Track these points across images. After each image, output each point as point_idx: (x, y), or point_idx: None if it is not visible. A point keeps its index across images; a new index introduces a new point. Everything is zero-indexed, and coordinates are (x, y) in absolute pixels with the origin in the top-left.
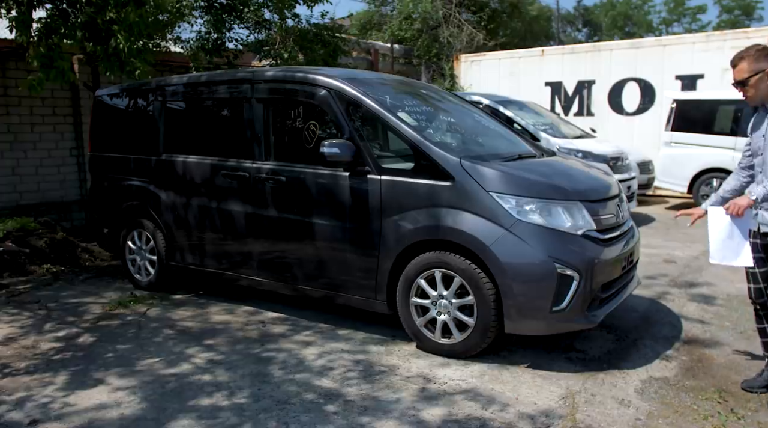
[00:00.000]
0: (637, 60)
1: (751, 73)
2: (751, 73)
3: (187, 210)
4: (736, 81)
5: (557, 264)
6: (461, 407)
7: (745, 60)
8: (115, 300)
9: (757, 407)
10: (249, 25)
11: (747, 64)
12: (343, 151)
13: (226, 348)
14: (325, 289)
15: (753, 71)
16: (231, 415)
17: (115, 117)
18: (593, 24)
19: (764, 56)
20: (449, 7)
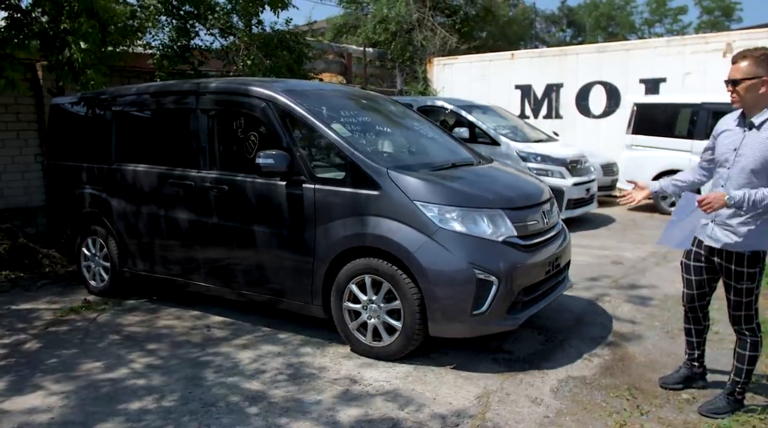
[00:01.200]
0: (602, 64)
1: (746, 75)
2: (746, 75)
3: (137, 218)
4: (728, 79)
5: (477, 270)
6: (378, 407)
7: (747, 60)
8: (68, 307)
9: (662, 403)
10: (215, 32)
11: (746, 66)
12: (278, 161)
13: (166, 352)
14: (268, 294)
15: (749, 75)
16: (156, 418)
17: (70, 125)
18: (577, 24)
19: (767, 64)
20: (423, 10)
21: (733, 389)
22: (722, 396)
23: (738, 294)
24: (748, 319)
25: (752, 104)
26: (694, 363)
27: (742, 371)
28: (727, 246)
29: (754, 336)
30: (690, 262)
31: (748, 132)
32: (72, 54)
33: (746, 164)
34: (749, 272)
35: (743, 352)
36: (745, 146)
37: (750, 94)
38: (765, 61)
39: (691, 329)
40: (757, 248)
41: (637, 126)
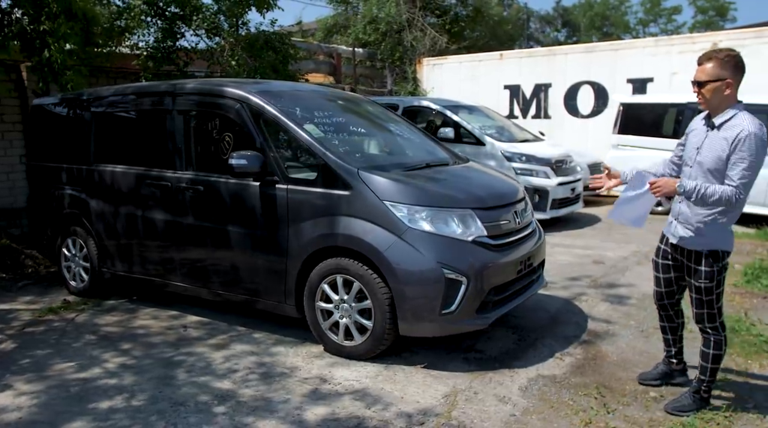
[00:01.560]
0: (591, 64)
1: (711, 77)
2: (711, 77)
3: (115, 219)
4: (694, 80)
5: (446, 269)
6: (345, 406)
7: (712, 62)
8: (47, 307)
9: (630, 401)
10: (200, 33)
11: (711, 67)
12: (250, 162)
13: (140, 352)
14: (244, 295)
15: (713, 77)
16: (124, 417)
17: (51, 126)
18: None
19: (731, 66)
20: (413, 11)
21: (698, 387)
22: (688, 394)
23: (698, 292)
24: (711, 317)
25: (716, 105)
26: (672, 359)
27: (706, 369)
28: (687, 244)
29: (718, 335)
30: (659, 260)
31: (710, 132)
32: (51, 55)
33: (704, 163)
34: (707, 271)
35: (707, 350)
36: (705, 145)
37: (714, 96)
38: (729, 63)
39: (666, 326)
40: (715, 248)
41: (624, 126)
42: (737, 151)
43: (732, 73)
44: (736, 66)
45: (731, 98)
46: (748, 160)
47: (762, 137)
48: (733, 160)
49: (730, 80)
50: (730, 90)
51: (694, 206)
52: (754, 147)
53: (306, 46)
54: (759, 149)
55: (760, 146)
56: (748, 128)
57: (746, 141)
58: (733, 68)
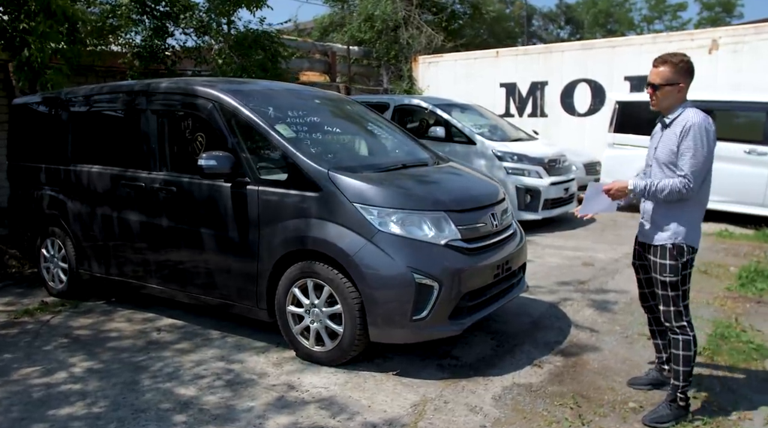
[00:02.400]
0: (587, 61)
1: (665, 81)
2: (665, 81)
3: (92, 220)
4: (649, 82)
5: (416, 274)
6: (310, 415)
7: (667, 65)
8: (23, 309)
9: (607, 412)
10: (189, 31)
11: (666, 71)
12: (220, 163)
13: (109, 356)
14: (218, 298)
15: (668, 81)
16: (83, 425)
17: (31, 126)
18: (575, 21)
19: (684, 71)
20: (410, 8)
21: (674, 395)
22: (665, 404)
23: (664, 288)
24: (677, 315)
25: (667, 106)
26: (664, 366)
27: (679, 373)
28: (651, 240)
29: (686, 334)
30: (636, 261)
31: (664, 130)
32: (31, 54)
33: (659, 158)
34: (671, 264)
35: (677, 352)
36: (660, 143)
37: (667, 99)
38: (683, 68)
39: (654, 330)
40: (680, 241)
41: (619, 124)
42: (684, 141)
43: (684, 78)
44: (688, 71)
45: (682, 99)
46: (693, 149)
47: (706, 127)
48: (681, 150)
49: (682, 85)
50: (681, 93)
51: (655, 204)
52: (698, 136)
53: (300, 45)
54: (704, 139)
55: (705, 136)
56: (693, 119)
57: (691, 131)
58: (686, 73)
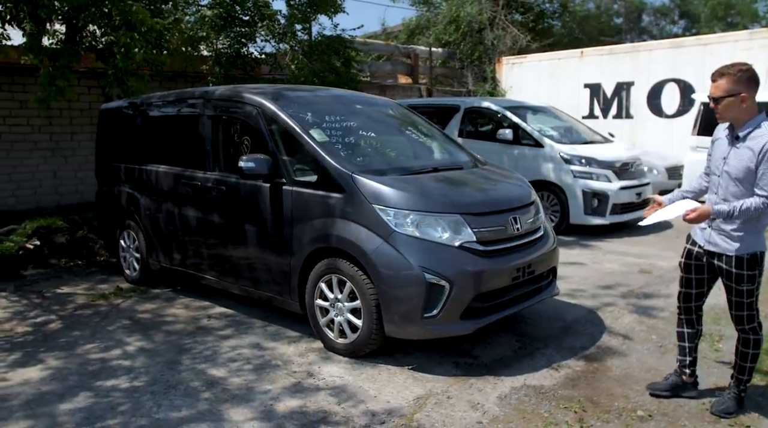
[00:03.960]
0: (677, 60)
1: (725, 93)
2: (725, 93)
3: (158, 215)
4: (710, 96)
5: (427, 274)
6: (318, 400)
7: (724, 78)
8: (100, 293)
9: (611, 418)
10: (268, 37)
11: (725, 83)
12: (259, 165)
13: (161, 338)
14: (261, 291)
15: (728, 92)
16: (121, 395)
17: (113, 130)
18: (691, 15)
19: (744, 80)
20: (495, 9)
21: (738, 388)
22: (731, 396)
23: (739, 296)
24: (750, 319)
25: (735, 118)
26: (685, 370)
27: (745, 369)
28: (726, 250)
29: (756, 335)
30: (691, 261)
31: (735, 143)
32: (116, 63)
33: (732, 173)
34: (749, 275)
35: (747, 350)
36: (731, 156)
37: (731, 110)
38: (742, 77)
39: (684, 333)
40: (754, 250)
41: (703, 127)
42: (764, 161)
43: (746, 87)
44: (750, 80)
45: (750, 110)
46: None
47: None
48: (761, 170)
49: (744, 94)
50: (745, 103)
51: None
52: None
53: (382, 48)
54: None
55: None
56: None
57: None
58: (746, 82)
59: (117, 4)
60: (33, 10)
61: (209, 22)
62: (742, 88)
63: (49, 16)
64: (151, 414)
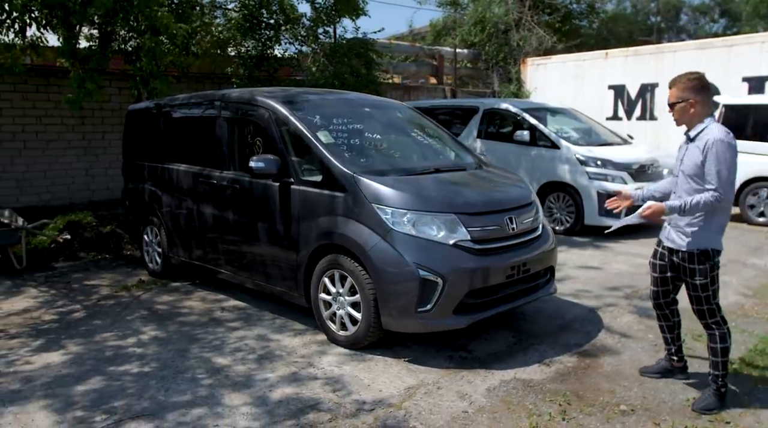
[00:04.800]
0: (702, 61)
1: (677, 99)
2: (677, 99)
3: (178, 211)
4: (668, 102)
5: (422, 270)
6: (313, 388)
7: (676, 86)
8: (123, 285)
9: (594, 412)
10: (292, 40)
11: (676, 91)
12: (268, 165)
13: (175, 328)
14: (273, 285)
15: (679, 98)
16: (131, 379)
17: (138, 129)
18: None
19: (691, 88)
20: (522, 10)
21: (717, 383)
22: (710, 392)
23: (695, 290)
24: (711, 313)
25: (688, 121)
26: (673, 357)
27: (718, 363)
28: (680, 246)
29: (721, 328)
30: (656, 261)
31: (688, 144)
32: (142, 66)
33: (685, 171)
34: (700, 269)
35: (715, 345)
36: (686, 156)
37: (683, 115)
38: (691, 85)
39: (663, 325)
40: (704, 247)
41: None
42: (708, 157)
43: (695, 94)
44: (698, 87)
45: (700, 114)
46: (718, 163)
47: (728, 141)
48: (707, 165)
49: (692, 100)
50: (695, 108)
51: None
52: (721, 151)
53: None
54: (727, 152)
55: (727, 150)
56: (715, 135)
57: (714, 146)
58: (695, 89)
59: (143, 10)
60: (65, 16)
61: (235, 24)
62: (691, 95)
63: (80, 22)
64: (155, 396)
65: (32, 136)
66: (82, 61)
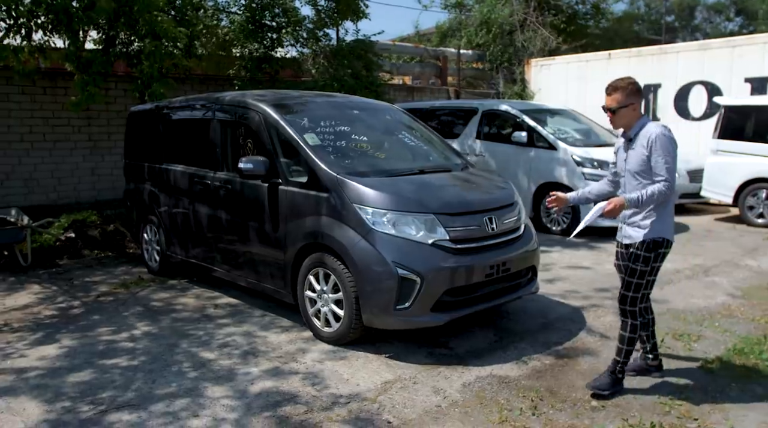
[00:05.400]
0: (704, 62)
1: (620, 104)
2: (620, 104)
3: (175, 210)
4: (606, 108)
5: (400, 269)
6: (292, 382)
7: (619, 91)
8: (122, 282)
9: (564, 407)
10: (293, 42)
11: (619, 96)
12: (256, 166)
13: (167, 323)
14: (265, 284)
15: (623, 104)
16: (120, 371)
17: (138, 131)
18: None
19: (633, 92)
20: (527, 11)
21: (614, 368)
22: (606, 374)
23: (631, 275)
24: (633, 301)
25: (627, 124)
26: (648, 355)
27: (622, 350)
28: (636, 239)
29: (635, 320)
30: (620, 262)
31: (630, 144)
32: (143, 69)
33: (632, 169)
34: (645, 256)
35: (624, 333)
36: (630, 156)
37: (624, 118)
38: (632, 89)
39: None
40: (657, 236)
41: (725, 130)
42: (653, 151)
43: (636, 98)
44: (637, 91)
45: (637, 116)
46: (664, 155)
47: (669, 136)
48: (653, 160)
49: (635, 104)
50: (636, 111)
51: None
52: (664, 143)
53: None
54: (669, 145)
55: (668, 143)
56: (655, 131)
57: (657, 141)
58: (636, 93)
59: (144, 15)
60: (69, 21)
61: (238, 26)
62: (633, 99)
63: (82, 27)
64: (141, 388)
65: (39, 137)
66: (86, 65)
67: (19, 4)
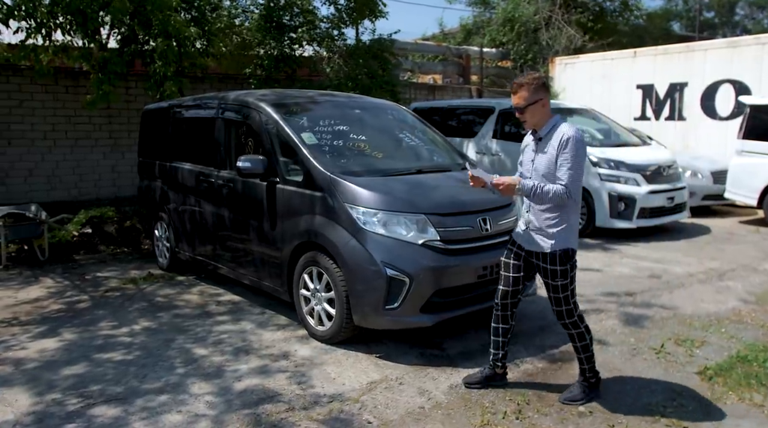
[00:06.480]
0: (733, 60)
1: (528, 101)
2: (528, 101)
3: (183, 208)
4: (514, 106)
5: (389, 269)
6: (278, 380)
7: (524, 88)
8: (131, 277)
9: (550, 412)
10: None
11: (526, 93)
12: (254, 164)
13: (167, 319)
14: (265, 282)
15: (530, 101)
16: (113, 366)
17: (152, 129)
18: None
19: (540, 87)
20: (552, 9)
21: (585, 376)
22: (578, 385)
23: (555, 291)
24: (569, 313)
25: (537, 122)
26: (498, 363)
27: (583, 360)
28: (542, 249)
29: (578, 328)
30: (510, 261)
31: (539, 143)
32: (156, 68)
33: (539, 170)
34: (561, 270)
35: (576, 344)
36: (538, 156)
37: (534, 116)
38: (537, 85)
39: (499, 328)
40: (566, 246)
41: (750, 130)
42: (561, 153)
43: (543, 93)
44: (544, 86)
45: (548, 113)
46: (571, 160)
47: (580, 138)
48: (559, 162)
49: (543, 100)
50: (545, 107)
51: (540, 214)
52: (575, 148)
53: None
54: (579, 150)
55: (579, 147)
56: (569, 132)
57: (568, 144)
58: (543, 89)
59: (157, 15)
60: (83, 21)
61: (255, 25)
62: (541, 95)
63: (97, 27)
64: (130, 383)
65: (62, 134)
66: (102, 65)
67: (39, 5)
